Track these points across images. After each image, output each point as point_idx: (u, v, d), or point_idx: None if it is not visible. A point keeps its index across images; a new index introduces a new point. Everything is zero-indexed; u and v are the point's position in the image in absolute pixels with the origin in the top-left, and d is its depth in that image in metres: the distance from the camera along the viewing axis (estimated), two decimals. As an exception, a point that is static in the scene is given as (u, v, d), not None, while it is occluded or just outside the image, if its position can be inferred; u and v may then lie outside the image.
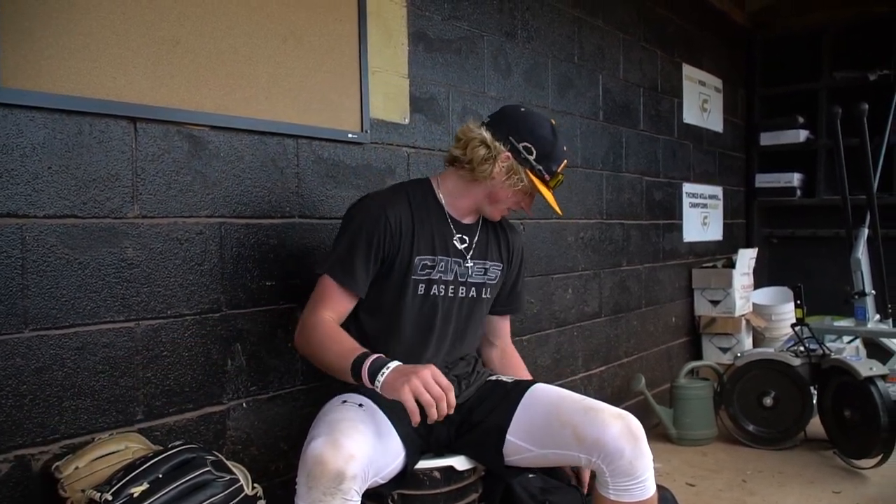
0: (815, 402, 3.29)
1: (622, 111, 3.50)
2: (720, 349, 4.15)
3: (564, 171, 1.76)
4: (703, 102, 4.32)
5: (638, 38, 3.64)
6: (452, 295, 1.75)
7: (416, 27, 2.33)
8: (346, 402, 1.59)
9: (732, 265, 4.17)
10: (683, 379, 3.48)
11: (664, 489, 1.92)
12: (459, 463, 1.67)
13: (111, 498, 1.30)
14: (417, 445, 1.61)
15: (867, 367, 3.01)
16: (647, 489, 1.57)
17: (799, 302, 3.46)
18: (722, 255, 4.48)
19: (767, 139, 4.91)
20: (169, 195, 1.67)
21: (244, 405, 1.83)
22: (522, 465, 1.70)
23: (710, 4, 4.42)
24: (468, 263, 1.77)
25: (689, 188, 4.15)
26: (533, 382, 1.78)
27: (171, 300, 1.67)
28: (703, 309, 4.18)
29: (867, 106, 3.56)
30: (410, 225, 1.69)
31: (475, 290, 1.79)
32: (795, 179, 4.85)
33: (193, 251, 1.72)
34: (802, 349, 3.36)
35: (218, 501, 1.38)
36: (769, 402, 3.35)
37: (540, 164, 1.69)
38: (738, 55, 4.88)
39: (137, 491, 1.32)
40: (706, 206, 4.38)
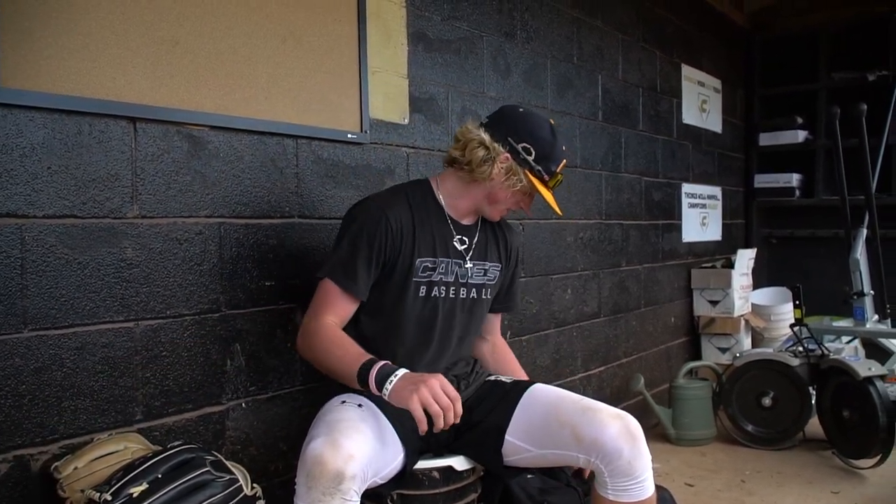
0: (813, 402, 3.29)
1: (621, 111, 3.50)
2: (719, 349, 4.15)
3: (563, 171, 1.75)
4: (702, 103, 4.32)
5: (637, 38, 3.64)
6: (454, 296, 1.75)
7: (415, 27, 2.33)
8: (345, 402, 1.58)
9: (731, 265, 4.17)
10: (682, 379, 3.48)
11: (663, 489, 1.92)
12: (458, 463, 1.67)
13: (110, 498, 1.30)
14: (416, 446, 1.61)
15: (866, 367, 3.02)
16: (645, 489, 1.58)
17: (798, 302, 3.46)
18: (721, 255, 4.48)
19: (766, 139, 4.91)
20: (168, 195, 1.67)
21: (243, 405, 1.83)
22: (521, 465, 1.70)
23: (709, 5, 4.42)
24: (468, 264, 1.77)
25: (688, 188, 4.16)
26: (532, 382, 1.78)
27: (170, 300, 1.67)
28: (702, 309, 4.18)
29: (866, 106, 3.57)
30: (411, 227, 1.68)
31: (475, 290, 1.79)
32: (794, 180, 4.85)
33: (193, 251, 1.72)
34: (801, 349, 3.36)
35: (217, 501, 1.38)
36: (768, 402, 3.35)
37: (539, 164, 1.69)
38: (737, 56, 4.88)
39: (137, 491, 1.32)
40: (705, 206, 4.38)
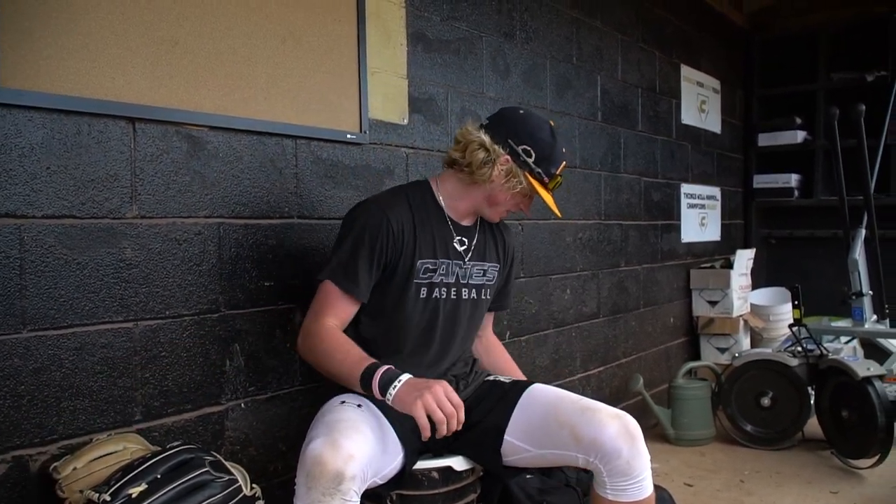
0: (812, 402, 3.29)
1: (620, 112, 3.50)
2: (718, 349, 4.15)
3: (563, 171, 1.75)
4: (701, 103, 4.33)
5: (636, 38, 3.64)
6: (455, 297, 1.75)
7: (414, 28, 2.33)
8: (344, 402, 1.58)
9: (730, 266, 4.17)
10: (681, 379, 3.48)
11: (662, 489, 1.93)
12: (458, 463, 1.67)
13: (109, 498, 1.30)
14: (416, 446, 1.61)
15: (864, 367, 3.02)
16: (644, 489, 1.58)
17: (796, 302, 3.46)
18: (720, 255, 4.48)
19: (765, 140, 4.91)
20: (167, 195, 1.67)
21: (243, 406, 1.83)
22: (520, 465, 1.70)
23: (708, 5, 4.43)
24: (468, 265, 1.77)
25: (687, 189, 4.16)
26: (531, 382, 1.78)
27: (169, 300, 1.67)
28: (701, 309, 4.19)
29: (864, 107, 3.57)
30: (412, 228, 1.68)
31: (475, 291, 1.79)
32: (793, 180, 4.85)
33: (192, 251, 1.72)
34: (800, 349, 3.37)
35: (216, 502, 1.38)
36: (767, 402, 3.36)
37: (539, 166, 1.69)
38: (736, 56, 4.88)
39: (136, 491, 1.32)
40: (704, 206, 4.38)
